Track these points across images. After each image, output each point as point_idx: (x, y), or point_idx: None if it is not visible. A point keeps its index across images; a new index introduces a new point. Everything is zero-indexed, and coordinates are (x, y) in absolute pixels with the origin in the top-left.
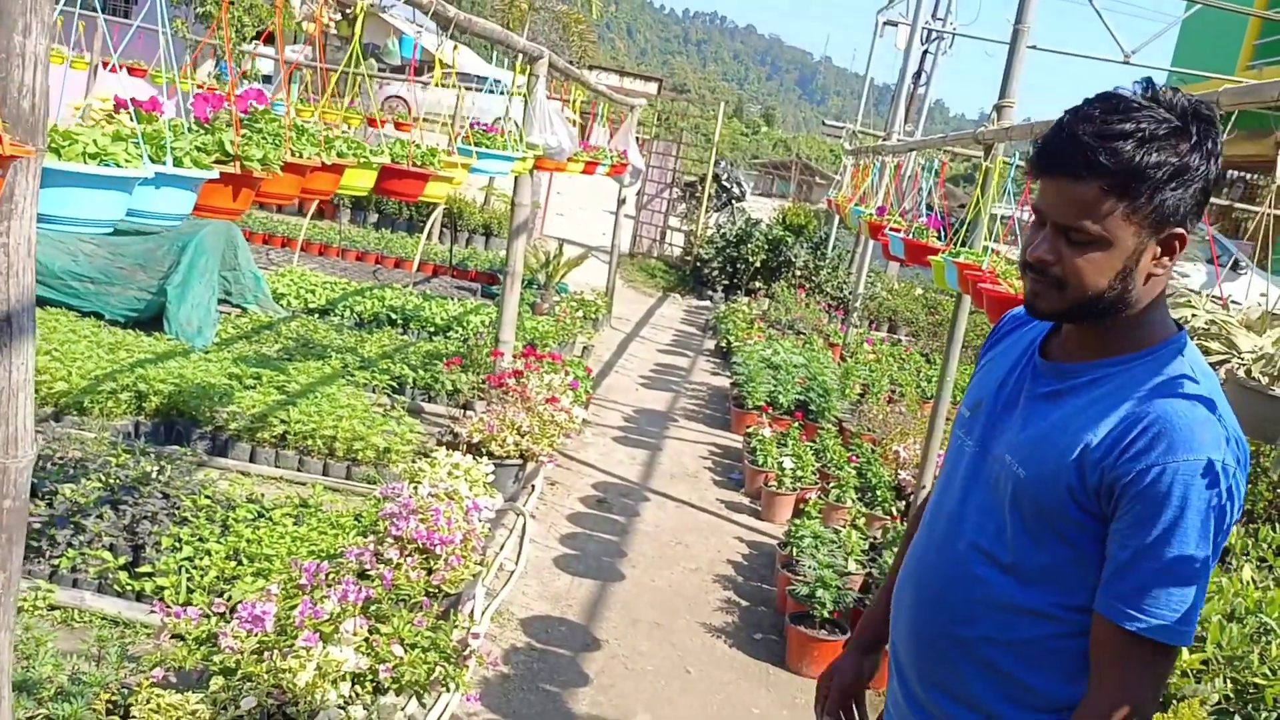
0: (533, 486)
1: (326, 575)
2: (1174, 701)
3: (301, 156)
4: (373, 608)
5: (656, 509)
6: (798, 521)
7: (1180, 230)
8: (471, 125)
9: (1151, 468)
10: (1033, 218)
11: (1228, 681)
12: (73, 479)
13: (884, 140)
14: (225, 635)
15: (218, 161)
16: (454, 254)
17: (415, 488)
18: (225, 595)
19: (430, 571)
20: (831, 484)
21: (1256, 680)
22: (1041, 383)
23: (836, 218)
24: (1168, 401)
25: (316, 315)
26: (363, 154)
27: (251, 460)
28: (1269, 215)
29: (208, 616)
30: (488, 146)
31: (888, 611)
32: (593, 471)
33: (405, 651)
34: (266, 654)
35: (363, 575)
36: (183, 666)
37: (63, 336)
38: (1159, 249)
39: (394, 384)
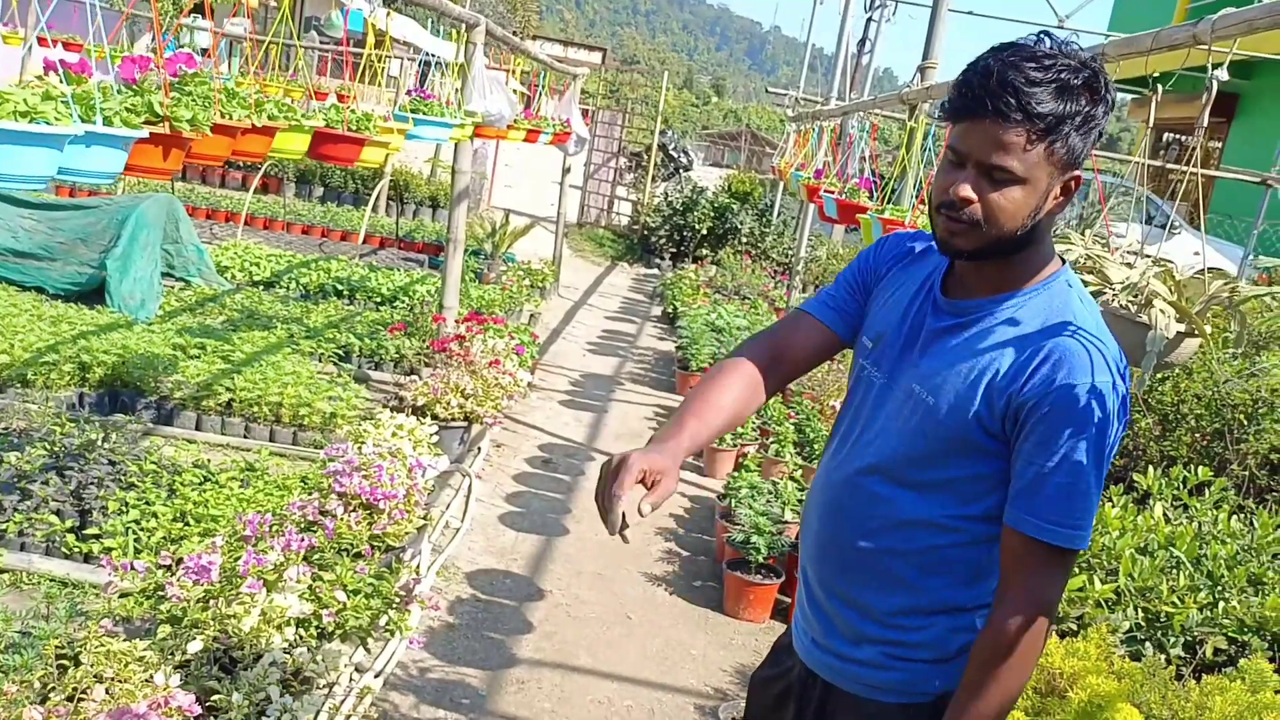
0: (478, 448)
1: (270, 527)
2: (1084, 629)
3: (231, 118)
4: (316, 556)
5: None
6: (736, 475)
7: (1078, 173)
8: (409, 92)
9: (1052, 391)
10: (948, 159)
11: (1139, 611)
12: (17, 448)
13: (821, 105)
14: (172, 585)
15: (147, 122)
16: (400, 226)
17: (359, 447)
18: (173, 553)
19: (372, 525)
20: (771, 439)
21: (1165, 609)
22: (943, 318)
23: (781, 184)
24: (1063, 330)
25: (261, 288)
26: (294, 117)
27: (197, 428)
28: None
29: (154, 570)
30: (425, 113)
31: (700, 420)
32: (539, 434)
33: (349, 597)
34: (212, 602)
35: (307, 529)
36: (130, 617)
37: (2, 310)
38: (1059, 189)
39: (340, 352)
